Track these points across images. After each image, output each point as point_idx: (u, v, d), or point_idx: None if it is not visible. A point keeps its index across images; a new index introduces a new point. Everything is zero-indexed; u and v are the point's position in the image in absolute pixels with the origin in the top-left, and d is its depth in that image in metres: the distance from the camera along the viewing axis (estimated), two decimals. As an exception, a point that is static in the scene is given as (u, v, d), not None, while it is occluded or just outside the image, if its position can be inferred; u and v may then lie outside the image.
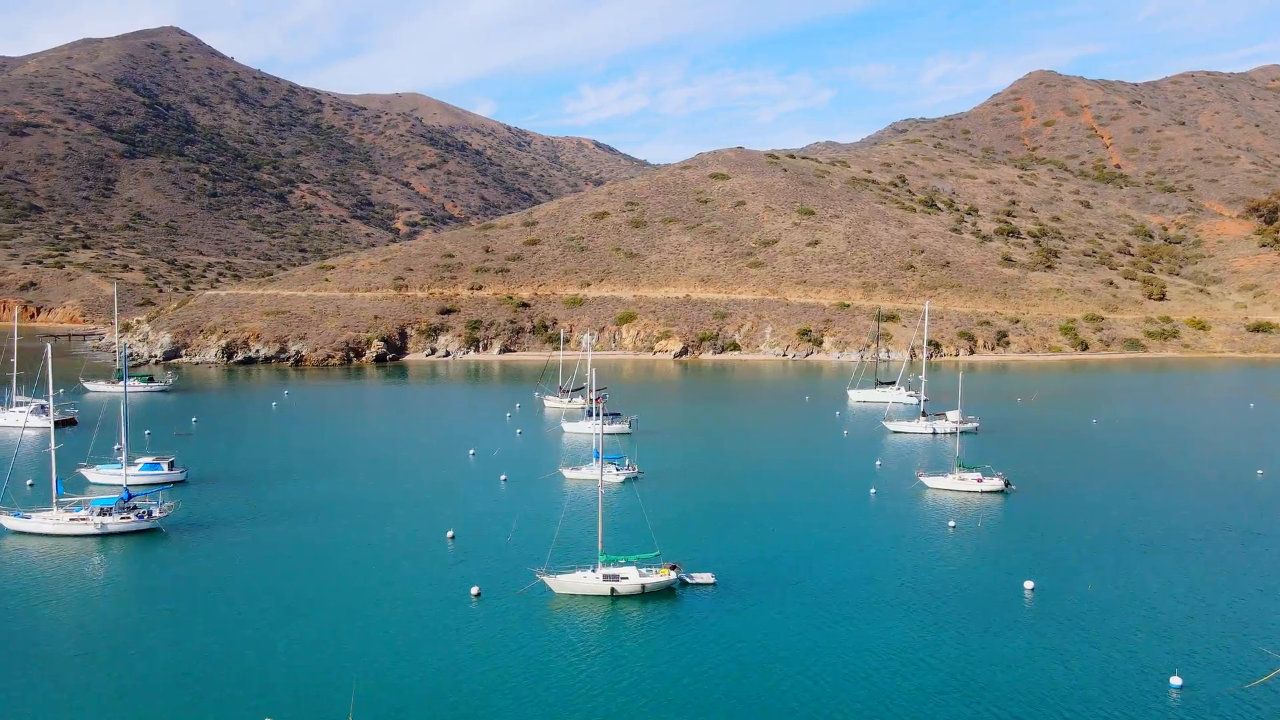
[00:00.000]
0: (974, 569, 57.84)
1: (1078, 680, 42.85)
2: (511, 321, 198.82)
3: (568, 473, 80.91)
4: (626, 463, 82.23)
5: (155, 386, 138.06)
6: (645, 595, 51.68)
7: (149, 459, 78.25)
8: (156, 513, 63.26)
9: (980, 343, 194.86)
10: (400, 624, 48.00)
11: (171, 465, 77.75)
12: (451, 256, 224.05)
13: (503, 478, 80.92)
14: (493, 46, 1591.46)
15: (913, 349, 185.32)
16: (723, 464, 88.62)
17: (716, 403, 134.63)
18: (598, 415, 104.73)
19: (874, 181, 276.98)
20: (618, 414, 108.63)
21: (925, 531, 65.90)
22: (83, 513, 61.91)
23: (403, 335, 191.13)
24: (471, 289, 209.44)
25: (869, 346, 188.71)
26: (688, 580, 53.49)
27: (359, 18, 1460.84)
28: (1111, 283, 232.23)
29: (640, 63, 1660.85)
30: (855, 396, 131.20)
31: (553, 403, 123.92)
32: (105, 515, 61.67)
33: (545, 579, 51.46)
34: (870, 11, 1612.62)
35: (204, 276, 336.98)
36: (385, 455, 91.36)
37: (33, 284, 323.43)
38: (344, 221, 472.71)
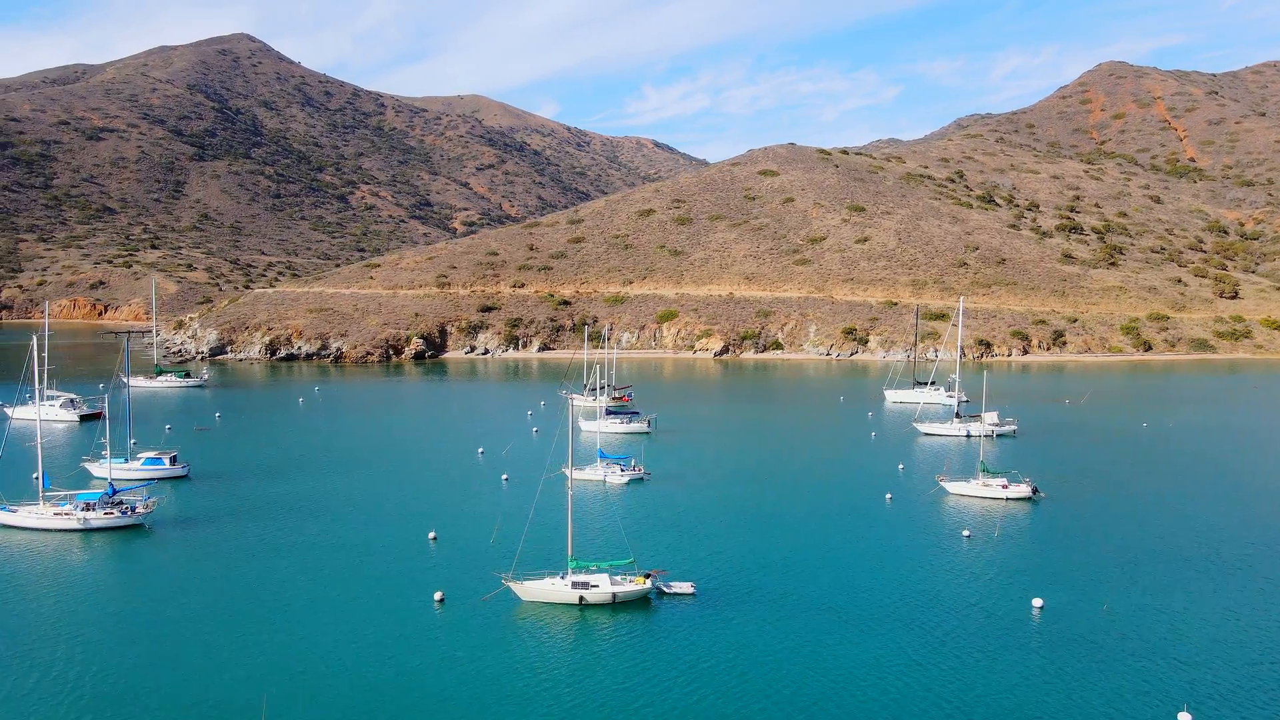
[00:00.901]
0: (981, 583, 53.56)
1: (1073, 711, 38.64)
2: (551, 319, 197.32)
3: (571, 473, 78.14)
4: (633, 463, 79.31)
5: (191, 382, 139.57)
6: (617, 605, 48.73)
7: (151, 453, 78.00)
8: (140, 509, 62.40)
9: (1035, 342, 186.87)
10: (351, 630, 45.90)
11: (174, 460, 77.33)
12: (495, 254, 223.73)
13: (504, 477, 78.74)
14: (555, 48, 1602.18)
15: (961, 348, 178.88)
16: (737, 465, 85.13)
17: (747, 402, 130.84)
18: (614, 414, 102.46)
19: (929, 177, 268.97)
20: (636, 413, 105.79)
21: (937, 541, 61.63)
22: (67, 507, 61.31)
23: (443, 333, 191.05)
24: (514, 287, 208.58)
25: (914, 345, 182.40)
26: (665, 590, 50.39)
27: (426, 22, 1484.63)
28: (1180, 280, 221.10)
29: (702, 62, 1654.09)
30: (892, 397, 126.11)
31: (579, 401, 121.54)
32: (89, 510, 60.96)
33: (511, 585, 48.87)
34: (938, 6, 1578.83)
35: (264, 276, 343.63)
36: (393, 452, 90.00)
37: (102, 283, 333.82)
38: (402, 222, 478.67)
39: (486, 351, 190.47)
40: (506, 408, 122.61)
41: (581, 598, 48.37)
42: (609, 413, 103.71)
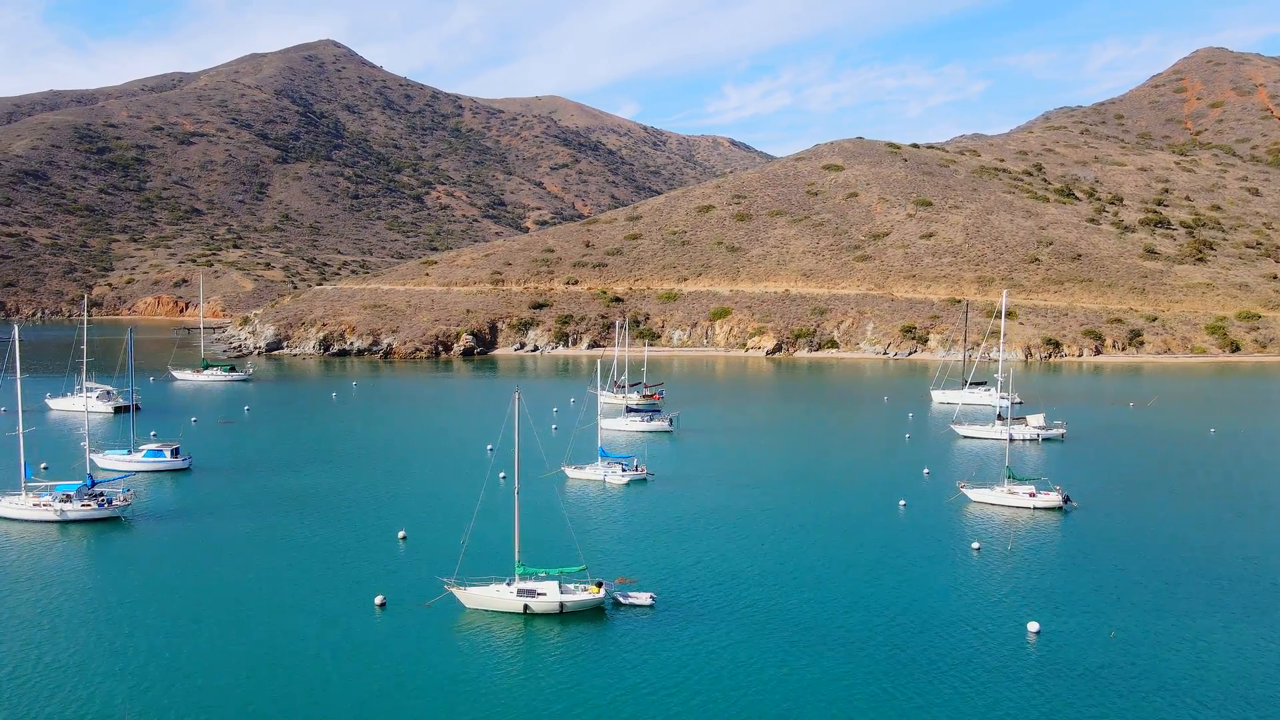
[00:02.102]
0: (976, 601, 48.41)
1: (1040, 754, 33.69)
2: (603, 316, 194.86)
3: (570, 471, 75.30)
4: (635, 463, 75.78)
5: (236, 376, 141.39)
6: (565, 616, 45.33)
7: (153, 446, 77.78)
8: (117, 501, 61.68)
9: (1109, 342, 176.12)
10: (276, 633, 43.58)
11: (174, 453, 77.00)
12: (551, 251, 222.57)
13: (502, 475, 76.04)
14: (636, 48, 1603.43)
15: (1028, 347, 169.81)
16: (752, 468, 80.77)
17: (785, 402, 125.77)
18: (634, 412, 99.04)
19: (1005, 171, 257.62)
20: (657, 410, 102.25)
21: (942, 553, 56.42)
22: (46, 498, 60.95)
23: (493, 329, 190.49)
24: (567, 284, 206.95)
25: (977, 344, 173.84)
26: (621, 600, 46.77)
27: (509, 25, 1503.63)
28: (1276, 277, 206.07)
29: (784, 60, 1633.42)
30: (939, 397, 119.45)
31: (608, 398, 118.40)
32: (66, 502, 60.47)
33: (454, 591, 45.93)
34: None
35: (337, 274, 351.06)
36: (402, 448, 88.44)
37: (184, 281, 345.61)
38: (475, 221, 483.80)
39: (536, 348, 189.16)
40: (537, 404, 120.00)
41: (526, 606, 45.14)
42: (630, 410, 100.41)
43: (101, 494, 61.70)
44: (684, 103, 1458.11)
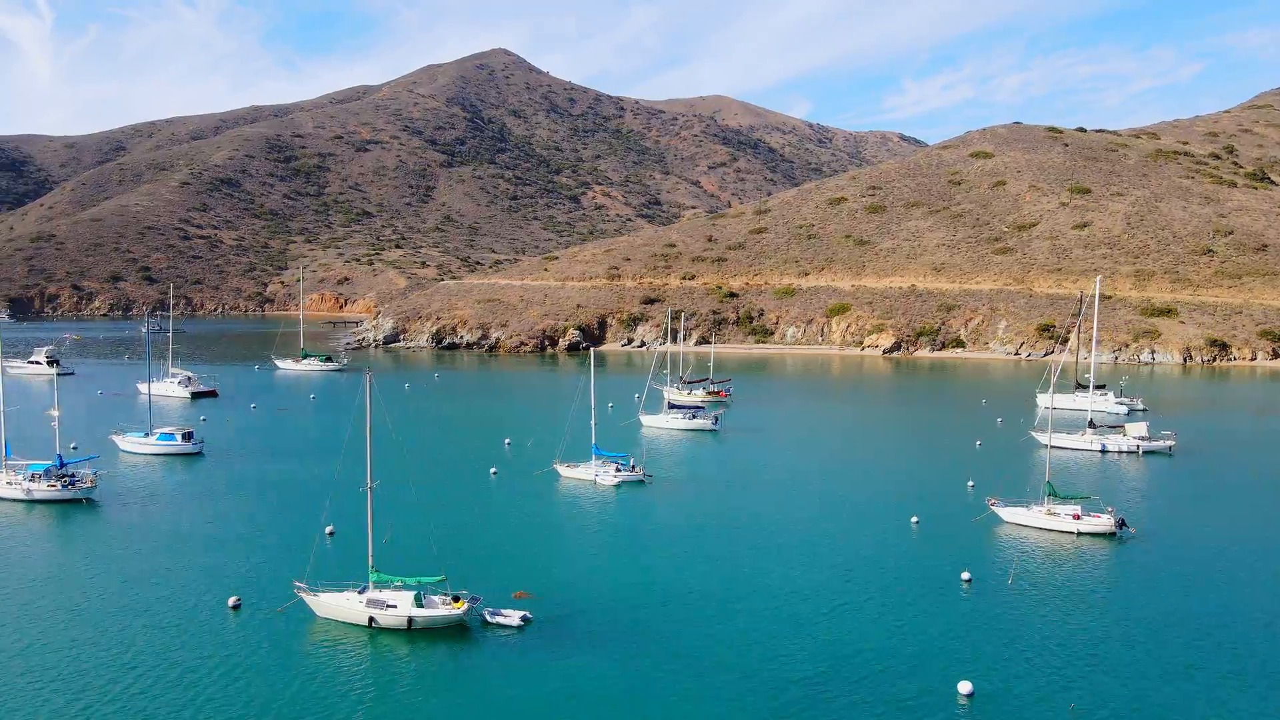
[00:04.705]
0: (917, 649, 38.93)
1: None
2: (715, 312, 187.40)
3: (563, 470, 69.55)
4: (631, 463, 69.00)
5: (331, 366, 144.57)
6: (416, 632, 39.62)
7: (167, 429, 78.23)
8: (85, 483, 61.29)
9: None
10: (128, 630, 40.33)
11: (186, 437, 77.17)
12: (673, 246, 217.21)
13: (493, 471, 71.35)
14: (809, 45, 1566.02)
15: (1188, 349, 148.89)
16: (772, 472, 72.21)
17: (867, 403, 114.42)
18: (676, 408, 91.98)
19: (1186, 154, 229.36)
20: (701, 408, 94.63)
21: (920, 583, 46.68)
22: (20, 477, 61.38)
23: (602, 325, 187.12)
24: (683, 279, 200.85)
25: (1126, 346, 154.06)
26: (489, 618, 40.57)
27: (682, 28, 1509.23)
28: None
29: (967, 50, 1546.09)
30: (1045, 402, 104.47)
31: (672, 395, 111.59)
32: (34, 482, 60.63)
33: (304, 596, 41.21)
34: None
35: (488, 273, 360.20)
36: (424, 440, 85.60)
37: (346, 279, 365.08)
38: (629, 220, 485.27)
39: (643, 344, 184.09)
40: (598, 397, 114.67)
41: (372, 620, 39.76)
42: (672, 407, 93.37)
43: (67, 475, 61.47)
44: (858, 99, 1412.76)
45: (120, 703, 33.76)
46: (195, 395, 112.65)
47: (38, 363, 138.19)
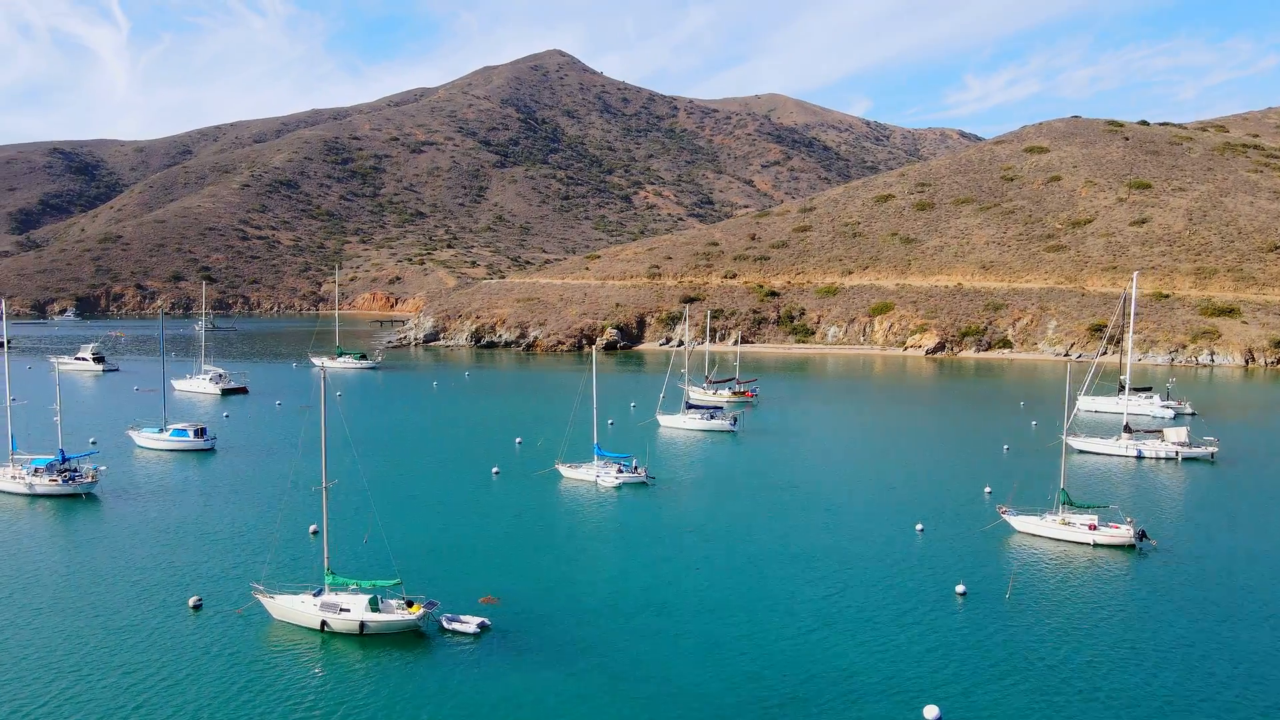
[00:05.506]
0: (891, 670, 36.38)
1: None
2: (755, 311, 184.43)
3: (565, 470, 68.00)
4: (634, 464, 67.10)
5: (365, 364, 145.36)
6: (368, 638, 38.33)
7: (180, 425, 78.64)
8: (86, 478, 61.60)
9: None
10: (94, 627, 39.83)
11: (199, 433, 77.48)
12: (715, 244, 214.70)
13: (495, 470, 70.10)
14: (869, 42, 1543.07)
15: (1250, 351, 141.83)
16: (780, 476, 69.70)
17: (898, 404, 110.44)
18: (694, 408, 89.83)
19: (1255, 147, 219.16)
20: (719, 408, 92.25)
21: (911, 596, 43.96)
22: (24, 471, 61.96)
23: (640, 323, 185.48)
24: (725, 277, 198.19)
25: (1183, 347, 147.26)
26: (445, 625, 39.10)
27: (741, 27, 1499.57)
28: None
29: (1034, 44, 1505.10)
30: (1087, 405, 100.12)
31: (697, 394, 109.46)
32: (36, 476, 61.10)
33: (261, 598, 40.22)
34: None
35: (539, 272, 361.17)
36: (435, 438, 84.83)
37: (398, 278, 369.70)
38: (680, 220, 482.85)
39: (681, 343, 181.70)
40: (619, 398, 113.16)
41: (324, 623, 38.57)
42: (689, 406, 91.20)
43: (68, 470, 61.83)
44: (919, 96, 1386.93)
45: (54, 705, 33.01)
46: (225, 392, 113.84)
47: (84, 359, 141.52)
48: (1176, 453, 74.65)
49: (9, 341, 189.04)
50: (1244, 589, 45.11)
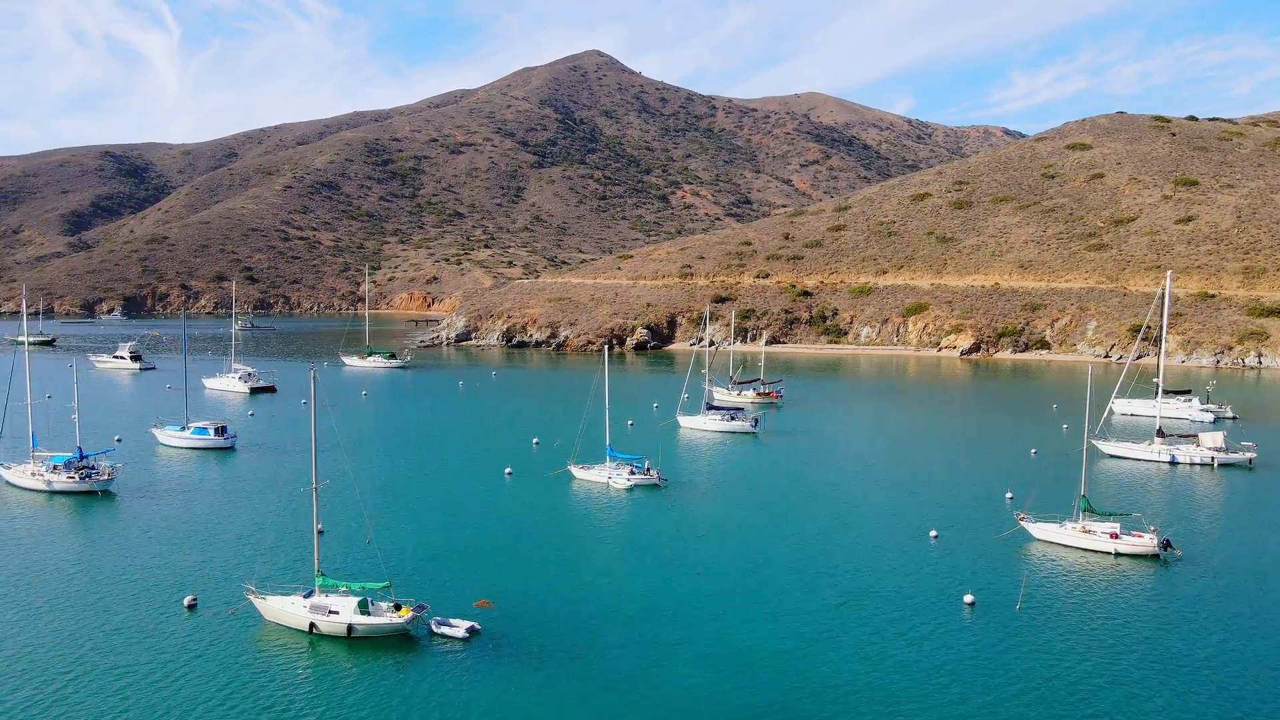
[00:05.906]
0: (882, 688, 35.06)
1: None
2: (787, 311, 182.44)
3: (577, 471, 67.31)
4: (646, 466, 66.18)
5: (394, 363, 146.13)
6: (356, 640, 37.88)
7: (201, 423, 79.29)
8: (102, 476, 62.21)
9: None
10: (60, 635, 39.84)
11: (219, 431, 78.09)
12: (749, 244, 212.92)
13: (508, 471, 69.59)
14: (912, 40, 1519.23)
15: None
16: (796, 479, 68.35)
17: (927, 406, 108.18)
18: (713, 409, 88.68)
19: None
20: (740, 409, 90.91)
21: (919, 607, 42.53)
22: (43, 468, 62.75)
23: (671, 323, 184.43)
24: (757, 277, 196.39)
25: (1229, 349, 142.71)
26: (435, 628, 38.52)
27: (781, 26, 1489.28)
28: None
29: (1082, 39, 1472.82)
30: (1122, 409, 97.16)
31: (721, 395, 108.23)
32: (54, 473, 61.81)
33: (253, 599, 39.96)
34: None
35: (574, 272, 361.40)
36: (452, 438, 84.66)
37: (435, 278, 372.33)
38: (717, 219, 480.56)
39: (712, 344, 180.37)
40: (644, 398, 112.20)
41: (313, 625, 38.19)
42: (709, 408, 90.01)
43: (85, 467, 62.45)
44: (964, 94, 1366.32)
45: (43, 707, 32.95)
46: (254, 390, 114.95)
47: (121, 358, 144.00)
48: (1212, 458, 71.94)
49: (54, 340, 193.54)
50: (1276, 603, 42.98)
